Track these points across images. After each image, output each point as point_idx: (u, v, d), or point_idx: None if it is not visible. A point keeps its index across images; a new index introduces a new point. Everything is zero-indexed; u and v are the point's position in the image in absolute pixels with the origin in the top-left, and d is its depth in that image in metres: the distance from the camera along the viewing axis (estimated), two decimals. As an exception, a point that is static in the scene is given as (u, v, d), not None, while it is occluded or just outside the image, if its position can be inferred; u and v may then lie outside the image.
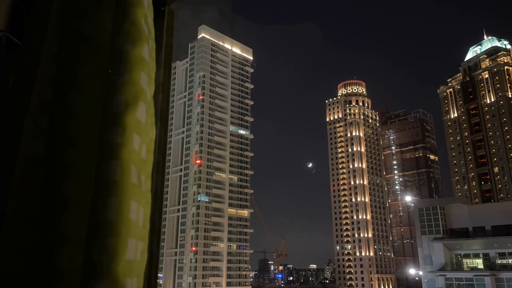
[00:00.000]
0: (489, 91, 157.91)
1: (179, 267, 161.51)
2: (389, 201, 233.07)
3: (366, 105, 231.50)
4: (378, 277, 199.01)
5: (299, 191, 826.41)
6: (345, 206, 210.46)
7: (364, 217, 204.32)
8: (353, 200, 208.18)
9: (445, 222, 70.30)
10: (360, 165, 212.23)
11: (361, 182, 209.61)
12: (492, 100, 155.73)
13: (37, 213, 1.31)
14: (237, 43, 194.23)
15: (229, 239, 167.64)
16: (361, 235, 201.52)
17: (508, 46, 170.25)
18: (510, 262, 62.96)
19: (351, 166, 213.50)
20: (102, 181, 1.33)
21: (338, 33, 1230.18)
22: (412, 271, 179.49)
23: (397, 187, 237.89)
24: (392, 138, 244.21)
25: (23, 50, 1.54)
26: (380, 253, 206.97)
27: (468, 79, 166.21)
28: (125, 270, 1.30)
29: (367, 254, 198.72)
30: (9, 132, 1.43)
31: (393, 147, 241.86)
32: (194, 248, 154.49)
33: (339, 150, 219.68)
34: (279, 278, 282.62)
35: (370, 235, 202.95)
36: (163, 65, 2.11)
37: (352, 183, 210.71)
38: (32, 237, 1.30)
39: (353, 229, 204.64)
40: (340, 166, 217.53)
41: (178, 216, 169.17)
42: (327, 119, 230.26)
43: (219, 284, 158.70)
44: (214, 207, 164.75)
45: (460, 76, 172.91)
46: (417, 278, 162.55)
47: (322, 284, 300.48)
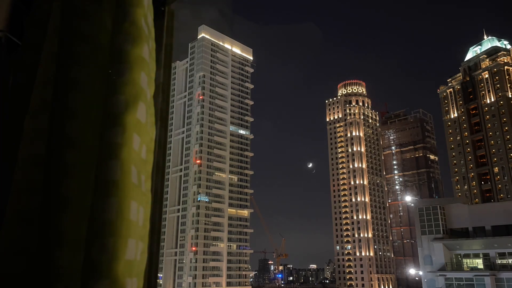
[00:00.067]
0: (489, 91, 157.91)
1: (179, 267, 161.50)
2: (389, 201, 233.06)
3: (366, 105, 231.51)
4: (378, 277, 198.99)
5: (299, 191, 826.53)
6: (345, 206, 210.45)
7: (364, 217, 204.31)
8: (353, 200, 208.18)
9: (445, 222, 70.30)
10: (360, 165, 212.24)
11: (361, 182, 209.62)
12: (492, 100, 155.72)
13: (37, 213, 1.31)
14: (237, 43, 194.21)
15: (229, 239, 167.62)
16: (361, 235, 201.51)
17: (508, 46, 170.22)
18: (510, 262, 62.95)
19: (351, 166, 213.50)
20: (102, 181, 1.34)
21: (338, 33, 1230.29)
22: (412, 271, 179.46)
23: (397, 187, 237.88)
24: (392, 138, 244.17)
25: (23, 50, 1.55)
26: (380, 253, 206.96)
27: (468, 79, 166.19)
28: (125, 270, 1.30)
29: (367, 254, 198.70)
30: (9, 132, 1.43)
31: (393, 147, 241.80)
32: (194, 248, 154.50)
33: (339, 150, 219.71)
34: (279, 278, 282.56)
35: (370, 235, 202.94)
36: (163, 65, 2.12)
37: (352, 183, 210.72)
38: (32, 237, 1.29)
39: (353, 229, 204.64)
40: (340, 166, 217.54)
41: (178, 216, 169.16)
42: (327, 119, 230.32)
43: (219, 284, 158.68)
44: (214, 207, 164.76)
45: (460, 76, 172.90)
46: (417, 278, 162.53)
47: (322, 284, 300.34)
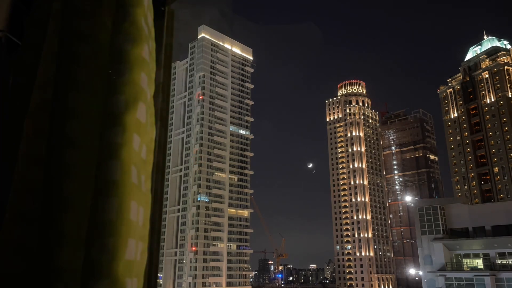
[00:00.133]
0: (489, 91, 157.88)
1: (179, 267, 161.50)
2: (389, 201, 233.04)
3: (366, 105, 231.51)
4: (378, 277, 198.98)
5: (299, 191, 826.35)
6: (345, 206, 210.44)
7: (364, 217, 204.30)
8: (353, 200, 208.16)
9: (445, 222, 70.28)
10: (360, 165, 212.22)
11: (361, 182, 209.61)
12: (492, 100, 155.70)
13: (37, 213, 1.31)
14: (237, 43, 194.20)
15: (229, 239, 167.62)
16: (361, 235, 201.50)
17: (508, 46, 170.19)
18: (510, 262, 62.93)
19: (351, 166, 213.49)
20: (102, 181, 1.34)
21: (338, 33, 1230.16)
22: (412, 271, 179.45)
23: (397, 187, 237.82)
24: (392, 138, 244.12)
25: (23, 50, 1.55)
26: (380, 253, 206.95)
27: (468, 79, 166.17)
28: (125, 270, 1.30)
29: (367, 254, 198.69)
30: (9, 132, 1.43)
31: (393, 147, 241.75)
32: (194, 248, 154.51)
33: (339, 150, 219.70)
34: (279, 278, 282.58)
35: (370, 235, 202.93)
36: (163, 65, 2.12)
37: (352, 183, 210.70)
38: (32, 237, 1.29)
39: (353, 229, 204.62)
40: (340, 166, 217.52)
41: (178, 216, 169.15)
42: (327, 119, 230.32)
43: (219, 284, 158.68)
44: (214, 207, 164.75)
45: (460, 76, 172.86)
46: (417, 278, 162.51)
47: (322, 284, 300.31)
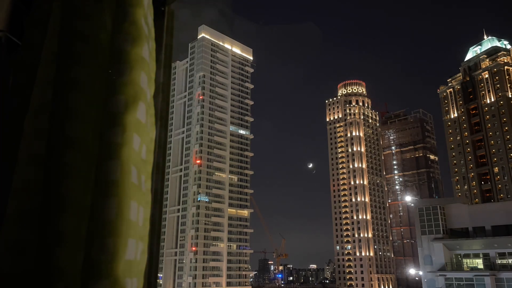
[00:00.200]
0: (489, 91, 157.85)
1: (179, 267, 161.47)
2: (389, 201, 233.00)
3: (366, 105, 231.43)
4: (378, 277, 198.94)
5: (299, 191, 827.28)
6: (345, 206, 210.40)
7: (364, 217, 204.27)
8: (353, 200, 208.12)
9: (445, 222, 70.26)
10: (360, 165, 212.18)
11: (361, 182, 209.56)
12: (492, 100, 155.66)
13: (37, 213, 1.31)
14: (237, 43, 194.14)
15: (229, 239, 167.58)
16: (361, 235, 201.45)
17: (508, 46, 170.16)
18: (510, 262, 62.91)
19: (351, 166, 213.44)
20: (102, 181, 1.34)
21: (338, 33, 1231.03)
22: (412, 271, 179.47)
23: (397, 187, 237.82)
24: (392, 138, 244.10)
25: (23, 50, 1.55)
26: (380, 253, 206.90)
27: (468, 79, 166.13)
28: (125, 270, 1.30)
29: (367, 254, 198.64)
30: (9, 132, 1.43)
31: (393, 147, 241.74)
32: (194, 248, 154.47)
33: (339, 150, 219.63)
34: (279, 278, 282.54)
35: (370, 235, 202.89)
36: (163, 65, 2.12)
37: (352, 183, 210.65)
38: (32, 237, 1.29)
39: (353, 229, 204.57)
40: (340, 166, 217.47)
41: (178, 216, 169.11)
42: (327, 119, 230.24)
43: (219, 284, 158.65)
44: (214, 207, 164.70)
45: (460, 76, 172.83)
46: (417, 278, 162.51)
47: (322, 284, 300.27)
